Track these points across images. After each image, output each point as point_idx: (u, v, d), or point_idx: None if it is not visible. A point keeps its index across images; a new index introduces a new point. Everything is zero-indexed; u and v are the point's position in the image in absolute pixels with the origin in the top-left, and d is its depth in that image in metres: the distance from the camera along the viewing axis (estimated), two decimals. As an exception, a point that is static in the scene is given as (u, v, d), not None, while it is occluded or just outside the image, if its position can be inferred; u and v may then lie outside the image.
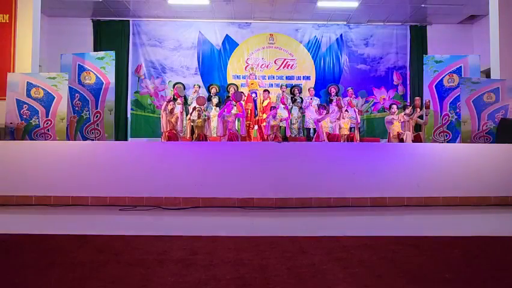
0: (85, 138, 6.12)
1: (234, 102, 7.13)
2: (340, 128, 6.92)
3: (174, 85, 8.74)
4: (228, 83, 9.18)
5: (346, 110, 7.22)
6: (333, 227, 3.33)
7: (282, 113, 7.72)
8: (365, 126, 8.86)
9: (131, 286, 1.84)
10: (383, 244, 2.60)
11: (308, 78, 9.54)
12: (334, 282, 1.89)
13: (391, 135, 6.38)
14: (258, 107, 8.25)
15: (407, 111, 6.42)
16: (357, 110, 7.68)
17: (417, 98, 6.88)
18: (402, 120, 6.32)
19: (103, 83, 6.25)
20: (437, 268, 2.12)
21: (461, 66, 6.57)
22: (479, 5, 8.11)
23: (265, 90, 8.39)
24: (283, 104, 7.83)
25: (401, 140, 6.15)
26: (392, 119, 6.40)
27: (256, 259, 2.24)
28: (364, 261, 2.22)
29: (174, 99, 7.39)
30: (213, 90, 8.65)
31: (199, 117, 6.72)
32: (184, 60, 9.41)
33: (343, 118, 6.98)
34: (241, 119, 7.32)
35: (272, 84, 9.47)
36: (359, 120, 7.57)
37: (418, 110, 6.44)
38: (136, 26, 9.39)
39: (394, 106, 6.71)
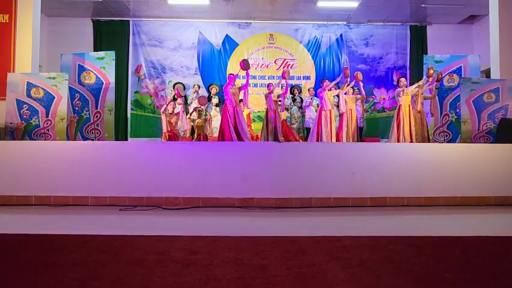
0: (85, 138, 6.12)
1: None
2: (346, 102, 6.66)
3: (174, 85, 8.75)
4: (228, 83, 9.17)
5: (350, 86, 6.89)
6: (333, 227, 3.32)
7: (278, 90, 7.34)
8: (365, 126, 8.85)
9: (131, 286, 1.84)
10: (383, 244, 2.60)
11: (308, 78, 9.54)
12: (334, 282, 1.89)
13: (401, 108, 5.91)
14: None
15: (420, 82, 6.03)
16: (362, 84, 7.11)
17: (431, 67, 6.20)
18: (412, 93, 5.87)
19: (103, 83, 6.24)
20: (437, 268, 2.12)
21: (461, 66, 6.56)
22: (479, 5, 8.11)
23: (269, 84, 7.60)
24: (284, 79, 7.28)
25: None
26: (402, 91, 5.97)
27: (256, 259, 2.24)
28: (364, 261, 2.22)
29: (174, 99, 7.37)
30: (213, 90, 8.65)
31: (199, 117, 6.70)
32: (184, 60, 9.42)
33: (348, 87, 6.72)
34: (244, 90, 6.93)
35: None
36: (363, 93, 7.17)
37: (430, 80, 6.00)
38: (136, 26, 9.40)
39: (403, 79, 6.17)
